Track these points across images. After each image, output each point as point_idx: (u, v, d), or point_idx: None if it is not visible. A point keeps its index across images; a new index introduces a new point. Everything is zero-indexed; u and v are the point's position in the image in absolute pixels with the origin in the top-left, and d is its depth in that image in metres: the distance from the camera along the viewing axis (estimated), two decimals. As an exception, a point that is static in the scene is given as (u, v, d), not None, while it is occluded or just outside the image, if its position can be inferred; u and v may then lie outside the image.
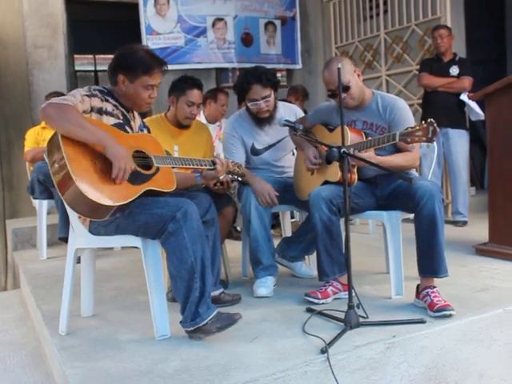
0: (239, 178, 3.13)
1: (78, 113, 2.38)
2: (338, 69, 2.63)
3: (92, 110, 2.50)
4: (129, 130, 2.67)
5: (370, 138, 2.88)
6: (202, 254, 2.47)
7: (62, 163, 2.30)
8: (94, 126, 2.40)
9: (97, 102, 2.53)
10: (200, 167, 2.90)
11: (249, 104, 3.43)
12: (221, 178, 3.06)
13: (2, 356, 3.04)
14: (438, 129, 2.60)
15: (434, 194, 2.74)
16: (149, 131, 2.89)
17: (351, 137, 2.94)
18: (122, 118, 2.65)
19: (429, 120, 2.60)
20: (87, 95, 2.49)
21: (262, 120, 3.49)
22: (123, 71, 2.62)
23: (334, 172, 3.03)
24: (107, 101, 2.59)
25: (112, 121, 2.58)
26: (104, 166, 2.39)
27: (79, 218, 2.62)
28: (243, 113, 3.59)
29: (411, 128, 2.65)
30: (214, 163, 2.92)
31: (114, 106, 2.63)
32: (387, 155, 2.97)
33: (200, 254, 2.46)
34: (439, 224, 2.75)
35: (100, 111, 2.53)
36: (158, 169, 2.62)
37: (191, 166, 2.85)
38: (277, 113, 3.53)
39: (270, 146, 3.58)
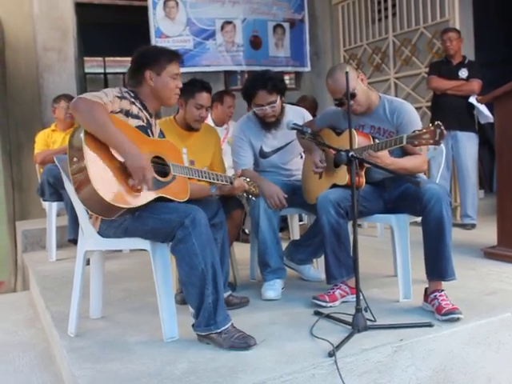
0: (253, 198, 3.16)
1: (106, 113, 2.41)
2: (346, 73, 2.66)
3: (120, 111, 2.52)
4: (151, 134, 2.70)
5: (377, 141, 2.89)
6: (213, 260, 2.47)
7: (81, 160, 2.33)
8: (117, 129, 2.40)
9: (126, 105, 2.56)
10: (217, 182, 2.93)
11: (255, 109, 3.46)
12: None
13: (11, 357, 3.06)
14: (445, 131, 2.59)
15: (442, 197, 2.74)
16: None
17: (359, 140, 2.94)
18: (145, 121, 2.67)
19: (436, 123, 2.60)
20: (118, 97, 2.52)
21: (268, 124, 3.51)
22: (148, 67, 2.67)
23: (342, 175, 3.03)
24: (134, 104, 2.62)
25: (136, 123, 2.60)
26: (121, 166, 2.42)
27: (90, 218, 2.65)
28: (251, 116, 3.61)
29: (418, 131, 2.65)
30: (231, 181, 2.97)
31: (140, 109, 2.65)
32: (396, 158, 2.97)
33: (210, 260, 2.46)
34: (447, 227, 2.75)
35: (127, 113, 2.56)
36: (174, 177, 2.64)
37: (209, 180, 2.88)
38: (284, 117, 3.54)
39: (278, 149, 3.59)
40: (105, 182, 2.35)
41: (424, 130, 2.63)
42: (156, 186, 2.53)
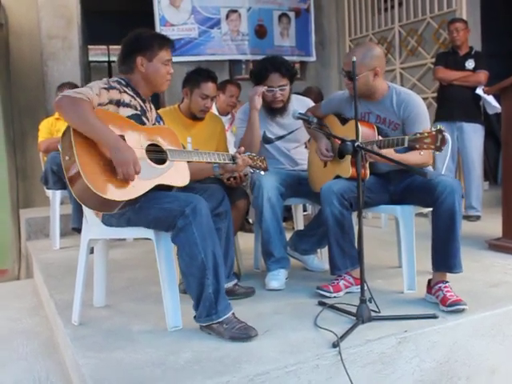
0: (262, 172, 3.11)
1: (90, 108, 2.37)
2: (353, 62, 2.62)
3: (110, 102, 2.49)
4: (145, 120, 2.67)
5: (380, 138, 2.86)
6: (213, 250, 2.45)
7: (72, 157, 2.30)
8: (102, 125, 2.36)
9: (115, 94, 2.52)
10: (218, 162, 2.88)
11: (264, 90, 3.44)
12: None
13: (15, 345, 3.07)
14: (446, 137, 2.58)
15: (455, 190, 2.72)
16: (163, 123, 2.88)
17: (363, 131, 2.92)
18: (139, 108, 2.64)
19: (438, 127, 2.58)
20: (105, 88, 2.49)
21: (274, 110, 3.50)
22: (140, 53, 2.64)
23: (346, 168, 3.01)
24: (125, 92, 2.59)
25: (129, 112, 2.57)
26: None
27: (92, 208, 2.64)
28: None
29: (420, 134, 2.62)
30: (234, 159, 2.91)
31: (132, 96, 2.62)
32: (400, 153, 2.94)
33: (211, 249, 2.43)
34: (458, 219, 2.73)
35: (118, 103, 2.53)
36: (172, 163, 2.62)
37: (208, 161, 2.83)
38: (290, 105, 3.54)
39: (282, 137, 3.58)
40: (97, 177, 2.31)
41: (426, 134, 2.59)
42: (153, 174, 2.51)
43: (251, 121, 3.42)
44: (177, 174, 2.62)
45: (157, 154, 2.57)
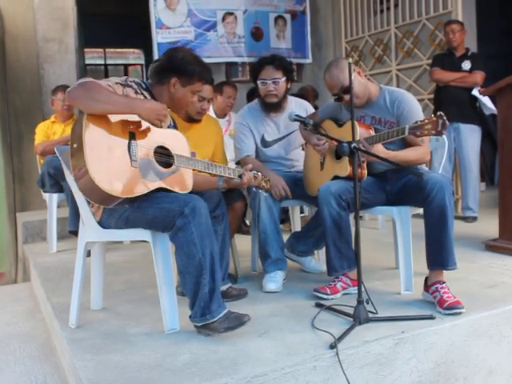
0: (264, 193, 3.11)
1: (102, 87, 2.36)
2: (349, 64, 2.63)
3: None
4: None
5: (379, 132, 2.88)
6: (211, 249, 2.46)
7: (80, 147, 2.31)
8: (119, 95, 2.41)
9: (130, 93, 2.53)
10: (224, 175, 2.86)
11: (258, 83, 3.49)
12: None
13: (12, 348, 3.06)
14: (447, 122, 2.59)
15: (445, 186, 2.73)
16: (177, 130, 2.87)
17: (360, 131, 2.93)
18: None
19: (438, 113, 2.60)
20: (121, 84, 2.50)
21: (269, 106, 3.52)
22: (178, 74, 2.64)
23: (344, 167, 3.02)
24: (142, 94, 2.59)
25: None
26: (121, 154, 2.40)
27: (92, 206, 2.63)
28: (255, 104, 3.64)
29: (420, 121, 2.65)
30: (240, 176, 2.88)
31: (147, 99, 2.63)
32: (397, 149, 2.96)
33: (209, 249, 2.44)
34: (449, 216, 2.74)
35: None
36: (176, 168, 2.60)
37: (215, 173, 2.81)
38: (287, 105, 3.58)
39: (280, 139, 3.59)
40: (102, 170, 2.32)
41: (426, 121, 2.62)
42: (156, 176, 2.51)
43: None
44: (179, 181, 2.62)
45: (164, 157, 2.57)
